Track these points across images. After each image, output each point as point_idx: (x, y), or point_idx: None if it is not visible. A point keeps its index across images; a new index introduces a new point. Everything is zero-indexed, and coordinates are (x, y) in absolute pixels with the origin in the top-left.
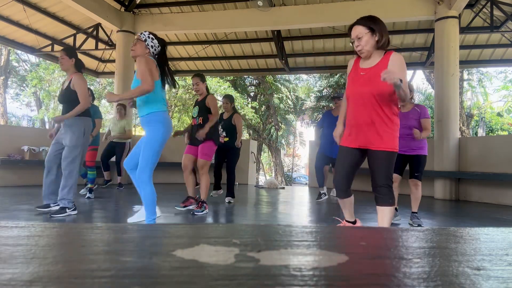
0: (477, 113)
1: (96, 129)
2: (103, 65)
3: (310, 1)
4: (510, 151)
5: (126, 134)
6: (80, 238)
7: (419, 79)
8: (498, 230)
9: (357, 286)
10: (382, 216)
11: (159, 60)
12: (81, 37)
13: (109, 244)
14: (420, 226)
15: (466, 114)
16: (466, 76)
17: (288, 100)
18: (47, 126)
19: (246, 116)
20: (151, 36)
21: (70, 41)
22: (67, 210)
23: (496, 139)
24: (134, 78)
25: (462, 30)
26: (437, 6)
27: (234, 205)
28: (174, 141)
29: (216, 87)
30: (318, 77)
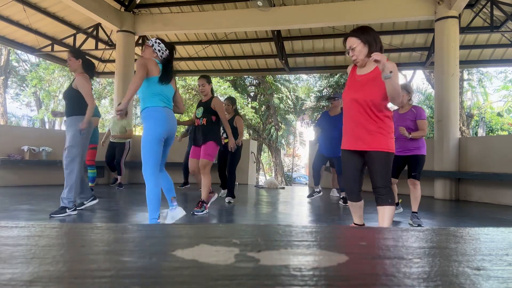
0: (477, 113)
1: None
2: (103, 65)
3: (310, 1)
4: (510, 151)
5: (126, 134)
6: (80, 238)
7: (419, 79)
8: (498, 230)
9: (357, 286)
10: (382, 216)
11: (167, 61)
12: (81, 37)
13: (109, 244)
14: (420, 226)
15: (466, 114)
16: (466, 76)
17: (288, 100)
18: (47, 126)
19: (246, 116)
20: (158, 41)
21: (70, 41)
22: (67, 210)
23: (496, 139)
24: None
25: (462, 30)
26: (437, 6)
27: (234, 205)
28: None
29: (216, 87)
30: (318, 77)
